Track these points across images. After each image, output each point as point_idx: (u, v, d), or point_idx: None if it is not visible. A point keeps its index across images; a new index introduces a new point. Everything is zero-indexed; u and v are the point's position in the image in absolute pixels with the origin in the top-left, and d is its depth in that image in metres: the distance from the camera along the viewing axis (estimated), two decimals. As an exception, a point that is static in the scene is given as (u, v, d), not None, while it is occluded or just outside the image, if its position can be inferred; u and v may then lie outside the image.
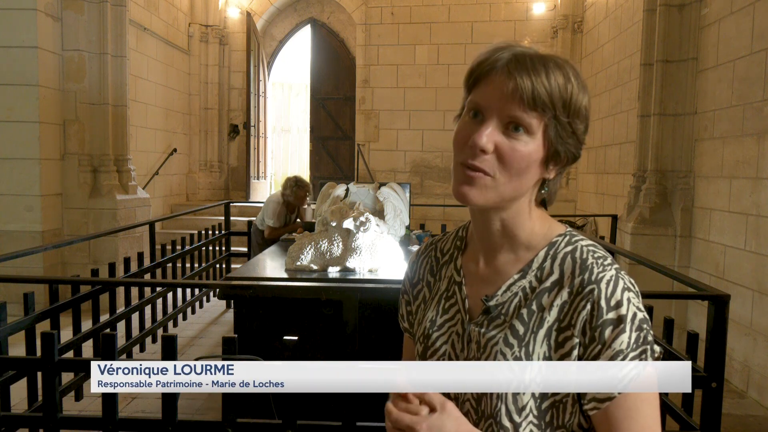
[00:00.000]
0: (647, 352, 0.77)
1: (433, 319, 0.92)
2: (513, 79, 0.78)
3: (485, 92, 0.81)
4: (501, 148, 0.79)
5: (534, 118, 0.78)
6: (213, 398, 3.54)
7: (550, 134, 0.80)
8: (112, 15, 5.56)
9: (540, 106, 0.78)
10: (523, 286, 0.85)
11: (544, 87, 0.78)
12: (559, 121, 0.80)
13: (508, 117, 0.79)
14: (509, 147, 0.79)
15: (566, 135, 0.81)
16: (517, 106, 0.78)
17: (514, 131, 0.79)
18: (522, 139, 0.79)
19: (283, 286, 2.59)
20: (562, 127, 0.80)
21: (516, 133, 0.79)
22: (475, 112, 0.82)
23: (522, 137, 0.79)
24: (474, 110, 0.82)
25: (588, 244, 0.85)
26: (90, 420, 2.22)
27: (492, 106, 0.79)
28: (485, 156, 0.79)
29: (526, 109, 0.78)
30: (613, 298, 0.78)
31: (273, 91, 11.05)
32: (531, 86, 0.77)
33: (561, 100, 0.79)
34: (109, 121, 5.59)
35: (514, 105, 0.78)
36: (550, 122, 0.79)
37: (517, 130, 0.79)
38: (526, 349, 0.81)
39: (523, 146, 0.79)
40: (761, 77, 3.72)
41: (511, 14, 8.75)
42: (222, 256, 6.03)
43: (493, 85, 0.80)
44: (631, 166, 5.52)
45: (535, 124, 0.79)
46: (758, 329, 3.69)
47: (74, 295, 3.15)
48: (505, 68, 0.79)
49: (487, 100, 0.80)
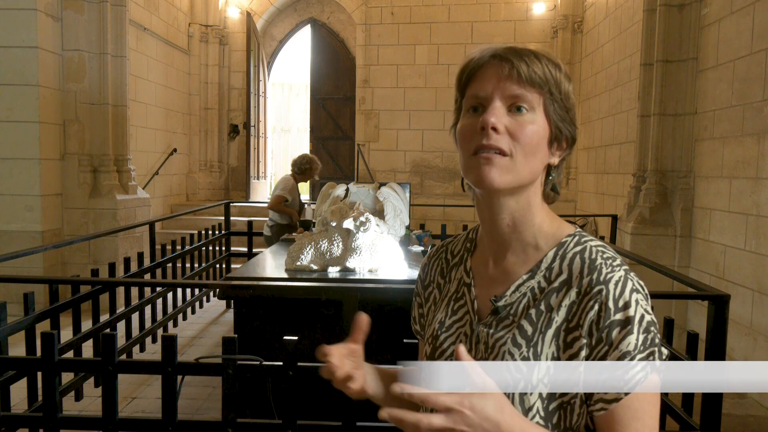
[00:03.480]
0: (655, 354, 0.77)
1: (442, 320, 0.93)
2: (508, 62, 0.81)
3: (481, 83, 0.83)
4: (511, 127, 0.81)
5: (534, 93, 0.81)
6: (213, 398, 3.54)
7: (550, 110, 0.83)
8: (112, 15, 5.56)
9: (537, 83, 0.81)
10: (532, 286, 0.85)
11: (538, 66, 0.82)
12: (554, 98, 0.83)
13: (510, 97, 0.81)
14: (518, 125, 0.81)
15: (563, 112, 0.84)
16: (517, 84, 0.81)
17: (518, 111, 0.81)
18: (528, 117, 0.81)
19: (283, 286, 2.59)
20: (558, 105, 0.83)
21: (519, 113, 0.81)
22: (475, 107, 0.83)
23: (527, 115, 0.81)
24: (473, 106, 0.84)
25: (597, 245, 0.85)
26: (90, 420, 2.22)
27: (491, 92, 0.82)
28: (498, 135, 0.80)
29: (524, 86, 0.81)
30: (621, 299, 0.78)
31: (273, 91, 11.05)
32: (526, 65, 0.81)
33: (553, 79, 0.83)
34: (109, 121, 5.59)
35: (513, 83, 0.81)
36: (548, 98, 0.82)
37: (520, 110, 0.81)
38: (534, 349, 0.81)
39: (531, 123, 0.81)
40: (761, 77, 3.72)
41: (511, 14, 8.75)
42: (222, 256, 6.03)
43: (488, 74, 0.83)
44: (631, 166, 5.52)
45: (535, 100, 0.82)
46: (758, 329, 3.69)
47: (74, 295, 3.15)
48: (497, 57, 0.82)
49: (485, 89, 0.82)
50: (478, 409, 0.67)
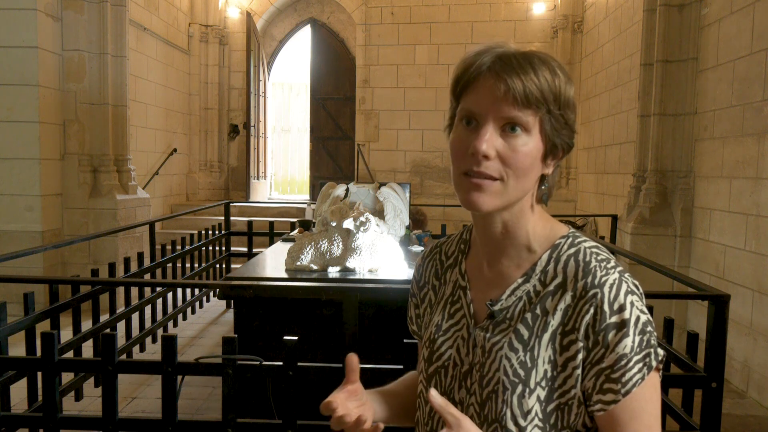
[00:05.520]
0: (651, 355, 0.77)
1: (439, 323, 0.92)
2: (503, 81, 0.78)
3: (476, 98, 0.80)
4: (503, 152, 0.79)
5: (529, 115, 0.78)
6: (213, 398, 3.54)
7: (546, 129, 0.80)
8: (112, 15, 5.56)
9: (534, 103, 0.78)
10: (527, 290, 0.85)
11: (535, 84, 0.78)
12: (552, 115, 0.80)
13: (504, 119, 0.79)
14: (511, 149, 0.79)
15: (560, 127, 0.82)
16: (512, 107, 0.78)
17: (512, 131, 0.79)
18: (521, 139, 0.79)
19: (283, 286, 2.59)
20: (555, 120, 0.81)
21: (513, 133, 0.79)
22: (468, 120, 0.81)
23: (520, 136, 0.79)
24: (467, 118, 0.81)
25: (591, 246, 0.84)
26: (90, 420, 2.22)
27: (485, 110, 0.79)
28: (489, 162, 0.78)
29: (520, 108, 0.78)
30: (617, 301, 0.78)
31: (273, 91, 11.05)
32: (522, 85, 0.77)
33: (552, 95, 0.79)
34: (109, 121, 5.59)
35: (508, 106, 0.78)
36: (545, 117, 0.80)
37: (514, 130, 0.79)
38: (531, 353, 0.81)
39: (524, 146, 0.79)
40: (761, 77, 3.72)
41: (511, 14, 8.75)
42: (222, 256, 6.03)
43: (483, 90, 0.79)
44: (631, 166, 5.52)
45: (531, 122, 0.79)
46: (758, 329, 3.69)
47: (74, 295, 3.15)
48: (493, 71, 0.79)
49: (479, 106, 0.79)
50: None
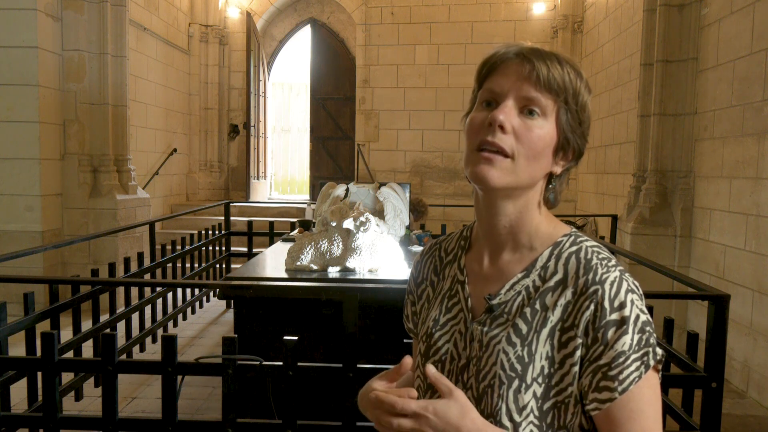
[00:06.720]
0: (649, 354, 0.77)
1: (436, 318, 0.92)
2: (530, 62, 0.81)
3: (500, 78, 0.83)
4: (518, 129, 0.81)
5: (549, 99, 0.81)
6: (213, 398, 3.54)
7: (562, 120, 0.82)
8: (112, 15, 5.56)
9: (555, 89, 0.81)
10: (527, 285, 0.85)
11: (558, 72, 0.81)
12: (569, 108, 0.83)
13: (524, 99, 0.81)
14: (526, 127, 0.81)
15: (575, 124, 0.84)
16: (533, 87, 0.81)
17: (529, 115, 0.81)
18: (537, 122, 0.81)
19: (283, 286, 2.59)
20: (571, 115, 0.83)
21: (531, 116, 0.81)
22: (489, 102, 0.83)
23: (537, 120, 0.81)
24: (487, 100, 0.83)
25: (593, 245, 0.85)
26: (90, 420, 2.22)
27: (507, 89, 0.81)
28: (504, 135, 0.80)
29: (541, 90, 0.81)
30: (617, 299, 0.78)
31: (273, 91, 11.04)
32: (547, 69, 0.81)
33: (572, 89, 0.82)
34: (109, 121, 5.59)
35: (530, 86, 0.81)
36: (562, 107, 0.82)
37: (532, 114, 0.81)
38: (528, 348, 0.81)
39: (539, 128, 0.81)
40: (761, 77, 3.72)
41: (511, 14, 8.75)
42: (222, 256, 6.03)
43: (508, 71, 0.82)
44: (631, 166, 5.52)
45: (549, 106, 0.81)
46: (758, 329, 3.69)
47: (74, 295, 3.15)
48: (521, 54, 0.82)
49: (501, 86, 0.82)
50: (441, 413, 0.72)
